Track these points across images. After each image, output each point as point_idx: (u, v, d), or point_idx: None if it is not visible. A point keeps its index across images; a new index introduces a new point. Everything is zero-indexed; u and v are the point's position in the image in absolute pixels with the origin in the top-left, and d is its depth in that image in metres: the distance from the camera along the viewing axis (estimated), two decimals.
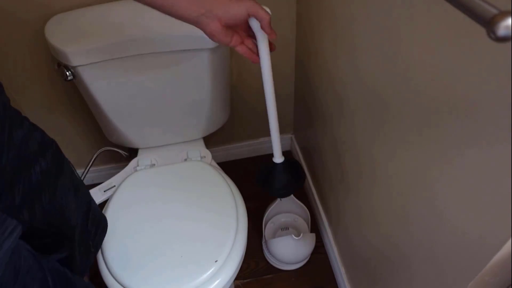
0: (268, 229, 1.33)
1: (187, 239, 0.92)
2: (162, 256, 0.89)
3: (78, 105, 1.25)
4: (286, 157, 0.94)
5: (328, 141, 1.10)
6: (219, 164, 1.18)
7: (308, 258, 1.30)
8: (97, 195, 1.06)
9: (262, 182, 0.99)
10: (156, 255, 0.89)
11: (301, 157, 1.50)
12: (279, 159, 0.92)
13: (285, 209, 1.33)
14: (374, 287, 0.95)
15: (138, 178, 1.06)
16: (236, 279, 1.07)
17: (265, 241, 1.29)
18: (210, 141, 1.47)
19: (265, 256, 1.33)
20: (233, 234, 0.92)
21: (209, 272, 0.86)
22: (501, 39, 0.27)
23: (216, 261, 0.87)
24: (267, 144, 1.58)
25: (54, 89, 1.19)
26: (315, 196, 1.36)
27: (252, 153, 1.62)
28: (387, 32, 0.64)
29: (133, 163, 1.16)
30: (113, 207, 0.99)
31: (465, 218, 0.53)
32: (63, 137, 0.70)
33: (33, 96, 1.19)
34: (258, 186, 1.00)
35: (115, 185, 1.08)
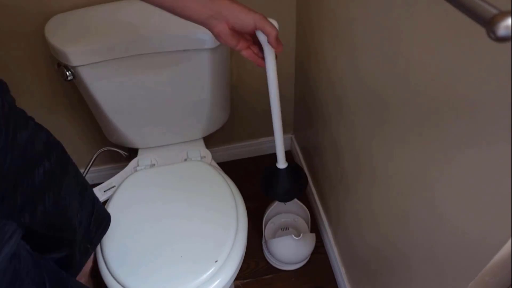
0: (268, 229, 1.33)
1: (187, 239, 0.92)
2: (162, 256, 0.89)
3: (78, 105, 1.25)
4: (287, 158, 0.94)
5: (328, 141, 1.10)
6: (219, 164, 1.18)
7: (308, 258, 1.30)
8: (97, 195, 1.06)
9: (265, 187, 1.00)
10: (156, 255, 0.89)
11: (301, 157, 1.50)
12: (282, 165, 0.93)
13: (285, 209, 1.33)
14: (374, 287, 0.95)
15: (138, 178, 1.06)
16: (236, 279, 1.07)
17: (265, 241, 1.29)
18: (210, 141, 1.47)
19: (265, 256, 1.33)
20: (233, 234, 0.92)
21: (209, 272, 0.86)
22: (501, 39, 0.27)
23: (216, 261, 0.87)
24: (267, 144, 1.58)
25: (54, 89, 1.19)
26: (315, 196, 1.36)
27: (252, 153, 1.62)
28: (387, 33, 0.64)
29: (133, 163, 1.16)
30: (113, 207, 0.99)
31: (465, 218, 0.53)
32: (63, 137, 0.70)
33: (33, 96, 1.19)
34: (261, 191, 1.01)
35: (115, 185, 1.08)
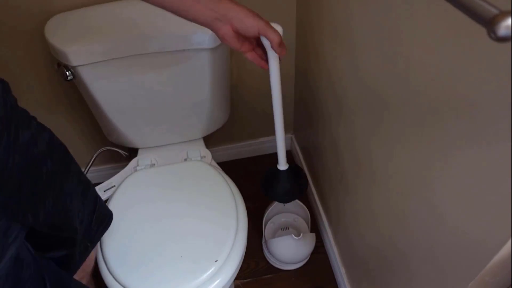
0: (268, 229, 1.33)
1: (187, 239, 0.92)
2: (162, 256, 0.89)
3: (78, 105, 1.25)
4: (287, 158, 0.95)
5: (328, 141, 1.10)
6: (219, 164, 1.18)
7: (308, 258, 1.30)
8: None
9: (265, 187, 1.01)
10: (156, 255, 0.89)
11: (301, 157, 1.50)
12: (283, 166, 0.95)
13: (285, 209, 1.33)
14: (374, 287, 0.95)
15: (138, 178, 1.06)
16: (236, 279, 1.07)
17: (265, 241, 1.29)
18: (210, 141, 1.47)
19: (265, 256, 1.33)
20: (233, 234, 0.92)
21: (209, 272, 0.86)
22: (501, 39, 0.27)
23: (216, 261, 0.87)
24: (267, 144, 1.58)
25: (54, 89, 1.19)
26: (315, 196, 1.36)
27: (252, 153, 1.62)
28: (387, 33, 0.64)
29: (133, 163, 1.16)
30: (113, 207, 0.99)
31: (465, 218, 0.53)
32: (63, 137, 0.69)
33: (32, 96, 1.19)
34: (262, 191, 1.02)
35: (115, 185, 1.08)
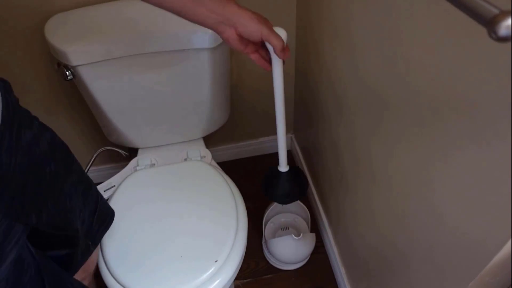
0: (268, 229, 1.33)
1: (187, 238, 0.92)
2: (162, 256, 0.89)
3: (78, 105, 1.25)
4: (288, 160, 0.96)
5: (328, 141, 1.10)
6: (219, 164, 1.18)
7: (308, 258, 1.30)
8: None
9: (266, 188, 1.02)
10: (156, 255, 0.89)
11: (301, 157, 1.50)
12: (284, 168, 0.95)
13: (285, 209, 1.33)
14: (374, 287, 0.95)
15: (138, 178, 1.06)
16: (236, 279, 1.07)
17: (265, 241, 1.29)
18: (210, 141, 1.47)
19: (265, 256, 1.33)
20: (233, 234, 0.92)
21: (209, 272, 0.86)
22: (502, 39, 0.27)
23: (216, 261, 0.87)
24: (267, 144, 1.58)
25: (53, 88, 1.19)
26: (315, 196, 1.36)
27: (252, 153, 1.62)
28: (387, 32, 0.64)
29: (133, 163, 1.16)
30: (113, 207, 0.98)
31: (465, 218, 0.53)
32: (63, 137, 0.69)
33: (32, 96, 1.19)
34: (262, 192, 1.03)
35: (114, 185, 1.08)
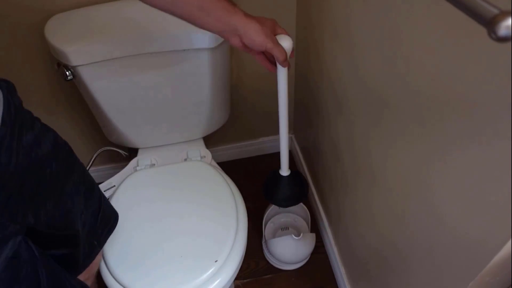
0: (268, 229, 1.33)
1: (187, 239, 0.92)
2: (161, 256, 0.89)
3: (78, 105, 1.25)
4: (289, 162, 0.97)
5: (328, 141, 1.10)
6: (219, 164, 1.18)
7: (308, 258, 1.30)
8: None
9: (266, 191, 1.04)
10: (156, 255, 0.89)
11: (301, 157, 1.50)
12: (285, 172, 0.97)
13: (285, 209, 1.33)
14: (374, 287, 0.95)
15: (138, 178, 1.06)
16: (236, 279, 1.07)
17: (265, 241, 1.29)
18: (210, 141, 1.47)
19: (265, 256, 1.33)
20: (233, 234, 0.92)
21: (209, 272, 0.86)
22: (502, 39, 0.27)
23: (216, 261, 0.87)
24: (267, 144, 1.58)
25: (53, 89, 1.19)
26: (315, 196, 1.36)
27: (252, 153, 1.62)
28: (387, 32, 0.64)
29: (133, 163, 1.16)
30: None
31: (465, 218, 0.53)
32: (62, 137, 0.70)
33: (32, 96, 1.19)
34: (263, 194, 1.04)
35: (114, 185, 1.08)
